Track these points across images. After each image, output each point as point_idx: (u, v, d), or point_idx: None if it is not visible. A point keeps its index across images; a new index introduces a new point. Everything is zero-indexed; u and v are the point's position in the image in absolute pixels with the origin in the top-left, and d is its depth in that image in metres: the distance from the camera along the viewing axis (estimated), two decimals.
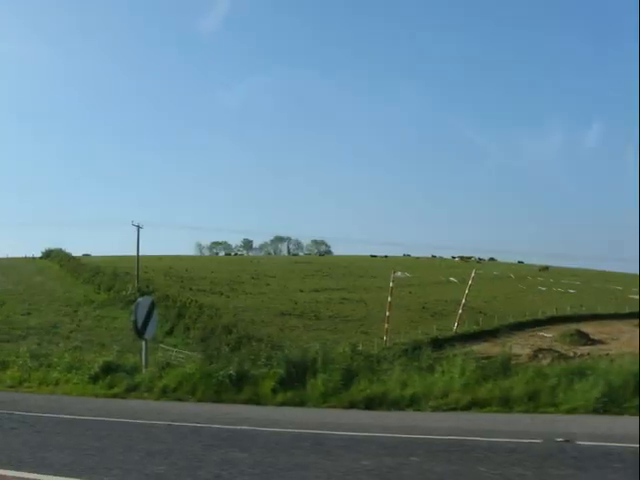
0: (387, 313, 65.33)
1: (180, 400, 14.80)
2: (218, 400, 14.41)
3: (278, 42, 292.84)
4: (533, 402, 11.99)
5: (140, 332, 17.22)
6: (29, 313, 72.79)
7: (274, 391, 14.19)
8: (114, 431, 10.42)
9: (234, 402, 14.15)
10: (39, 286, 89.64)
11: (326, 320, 76.10)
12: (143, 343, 17.33)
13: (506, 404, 12.09)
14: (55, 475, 6.95)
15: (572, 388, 12.03)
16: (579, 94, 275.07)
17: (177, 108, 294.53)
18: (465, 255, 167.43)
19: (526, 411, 11.72)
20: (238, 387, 14.68)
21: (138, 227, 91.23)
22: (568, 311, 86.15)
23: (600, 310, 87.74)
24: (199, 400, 14.62)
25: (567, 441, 8.55)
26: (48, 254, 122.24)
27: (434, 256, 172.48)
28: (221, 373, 14.99)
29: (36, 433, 10.24)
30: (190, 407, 13.78)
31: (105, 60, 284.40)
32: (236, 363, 15.42)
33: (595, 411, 11.30)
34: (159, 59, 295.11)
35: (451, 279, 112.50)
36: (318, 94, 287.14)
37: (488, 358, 15.93)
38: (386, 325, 64.02)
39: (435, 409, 12.36)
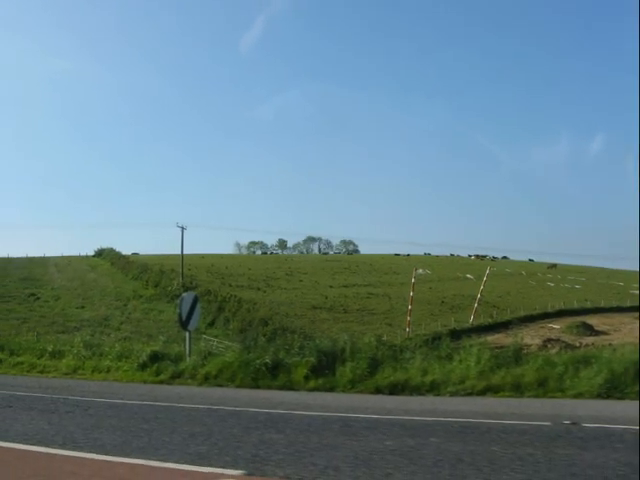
0: (409, 307, 65.38)
1: (220, 386, 14.89)
2: (255, 386, 14.48)
3: (308, 60, 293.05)
4: (542, 388, 11.99)
5: (184, 324, 17.35)
6: (83, 307, 73.75)
7: (306, 378, 14.24)
8: (160, 414, 10.49)
9: (270, 388, 14.21)
10: (92, 282, 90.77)
11: (354, 313, 76.18)
12: (187, 334, 17.46)
13: (518, 390, 12.08)
14: (107, 455, 7.00)
15: (578, 375, 12.05)
16: (584, 107, 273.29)
17: (219, 119, 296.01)
18: (480, 254, 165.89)
19: (536, 396, 11.72)
20: (273, 374, 14.74)
21: (182, 228, 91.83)
22: (574, 305, 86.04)
23: (603, 304, 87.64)
24: (238, 386, 14.70)
25: (573, 423, 8.52)
26: (100, 253, 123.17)
27: (452, 254, 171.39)
28: (258, 361, 15.06)
29: (89, 416, 10.34)
30: (229, 392, 13.84)
31: (153, 75, 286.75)
32: (272, 352, 15.49)
33: (599, 396, 11.34)
34: (203, 75, 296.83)
35: (468, 276, 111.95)
36: (347, 107, 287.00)
37: (501, 348, 15.88)
38: (408, 318, 64.07)
39: (453, 394, 12.36)
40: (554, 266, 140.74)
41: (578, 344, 51.36)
